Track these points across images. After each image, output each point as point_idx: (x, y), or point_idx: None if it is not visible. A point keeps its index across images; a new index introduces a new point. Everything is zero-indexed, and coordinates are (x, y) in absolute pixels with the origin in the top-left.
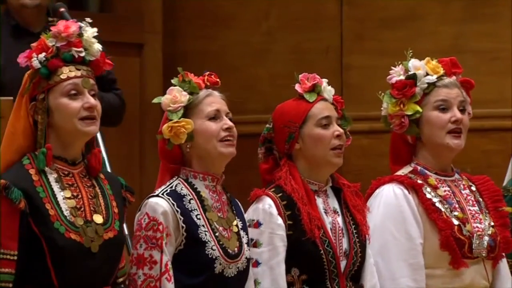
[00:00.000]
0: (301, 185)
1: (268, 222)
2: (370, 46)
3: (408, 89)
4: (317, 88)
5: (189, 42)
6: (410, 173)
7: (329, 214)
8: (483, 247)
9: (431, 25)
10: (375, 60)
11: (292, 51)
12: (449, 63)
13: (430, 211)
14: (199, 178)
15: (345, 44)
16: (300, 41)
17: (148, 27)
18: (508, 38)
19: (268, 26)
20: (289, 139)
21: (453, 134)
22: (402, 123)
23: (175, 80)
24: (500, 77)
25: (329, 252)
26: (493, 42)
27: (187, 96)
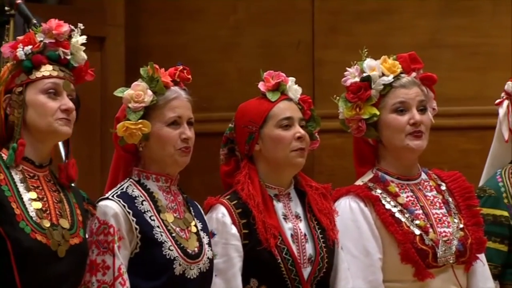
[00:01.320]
0: (259, 191)
1: (222, 232)
2: (343, 40)
3: (363, 92)
4: (281, 87)
5: (153, 35)
6: (370, 181)
7: (290, 219)
8: (451, 253)
9: (407, 18)
10: (348, 56)
11: (261, 46)
12: (408, 59)
13: (388, 224)
14: (152, 179)
15: (317, 38)
16: (270, 35)
17: (110, 19)
18: (487, 32)
19: (236, 19)
20: (249, 140)
21: (413, 135)
22: (359, 127)
23: (144, 72)
24: (479, 73)
25: (288, 260)
26: (472, 37)
27: (152, 96)
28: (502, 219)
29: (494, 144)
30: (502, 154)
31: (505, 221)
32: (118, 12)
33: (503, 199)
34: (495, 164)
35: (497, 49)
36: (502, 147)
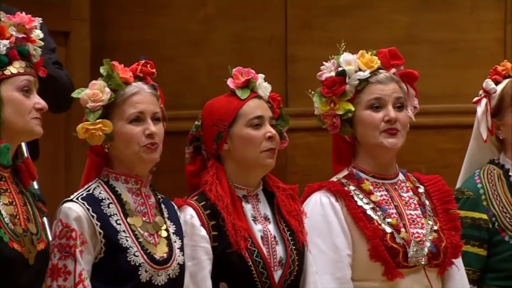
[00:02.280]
0: (227, 192)
1: (191, 234)
2: (317, 35)
3: (338, 87)
4: (251, 84)
5: (119, 30)
6: (345, 177)
7: (259, 221)
8: (423, 254)
9: (384, 13)
10: (322, 51)
11: (233, 41)
12: (388, 55)
13: (358, 219)
14: (121, 180)
15: (290, 33)
16: (241, 30)
17: (74, 13)
18: (466, 27)
19: (206, 13)
20: (217, 139)
21: (388, 132)
22: (334, 124)
23: (104, 69)
24: (458, 69)
25: (259, 263)
26: (451, 32)
27: (109, 94)
28: (481, 222)
29: (471, 143)
30: (480, 154)
31: (484, 224)
32: (83, 6)
33: (482, 201)
34: (473, 164)
35: (476, 45)
36: (480, 147)
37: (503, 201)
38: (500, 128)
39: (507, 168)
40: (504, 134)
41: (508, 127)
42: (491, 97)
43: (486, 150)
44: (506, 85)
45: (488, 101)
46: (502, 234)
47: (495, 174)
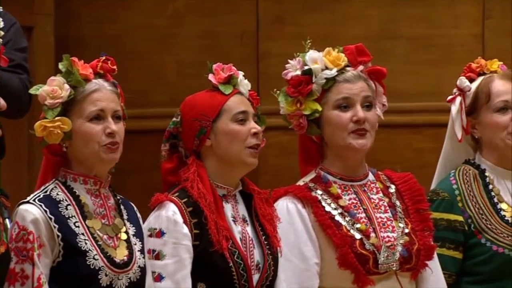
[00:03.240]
0: (209, 189)
1: (173, 231)
2: (290, 31)
3: (304, 86)
4: (233, 80)
5: (84, 25)
6: (311, 181)
7: (238, 222)
8: (394, 259)
9: (359, 8)
10: (295, 47)
11: (202, 37)
12: (355, 51)
13: (326, 226)
14: (80, 181)
15: (262, 29)
16: (211, 25)
17: (38, 8)
18: (443, 23)
19: (174, 7)
20: (199, 134)
21: (356, 133)
22: (300, 124)
23: (63, 66)
24: (435, 66)
25: (240, 265)
26: (427, 28)
27: (69, 91)
28: (457, 224)
29: (446, 143)
30: (455, 154)
31: (459, 226)
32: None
33: (458, 202)
34: (448, 165)
35: (453, 41)
36: (455, 146)
37: (479, 202)
38: (476, 127)
39: (483, 168)
40: (479, 133)
41: (483, 126)
42: (466, 95)
43: (461, 150)
44: (480, 82)
45: (463, 100)
46: (478, 236)
47: (471, 174)
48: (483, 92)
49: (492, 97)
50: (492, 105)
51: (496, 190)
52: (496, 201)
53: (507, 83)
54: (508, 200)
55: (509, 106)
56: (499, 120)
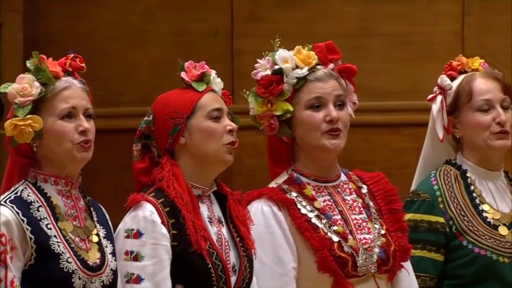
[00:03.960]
0: (185, 189)
1: (151, 231)
2: (264, 28)
3: (275, 86)
4: (206, 78)
5: (54, 22)
6: (285, 183)
7: (214, 223)
8: (372, 261)
9: (335, 4)
10: (270, 45)
11: (175, 34)
12: (325, 49)
13: (304, 229)
14: (50, 182)
15: (236, 26)
16: (184, 22)
17: (6, 4)
18: (422, 20)
19: (146, 4)
20: (173, 132)
21: (329, 133)
22: (271, 125)
23: (31, 63)
24: (414, 64)
25: (219, 266)
26: (406, 25)
27: (39, 88)
28: (438, 226)
29: (426, 143)
30: (435, 154)
31: (441, 228)
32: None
33: (439, 204)
34: (428, 165)
35: (432, 38)
36: (435, 146)
37: (461, 204)
38: (457, 127)
39: (464, 168)
40: (461, 133)
41: (465, 125)
42: (447, 94)
43: (442, 150)
44: (462, 81)
45: (444, 98)
46: (460, 239)
47: (452, 175)
48: (465, 90)
49: (474, 96)
50: (473, 104)
51: (478, 191)
52: (478, 203)
53: (489, 81)
54: (490, 201)
55: (491, 105)
56: (481, 119)
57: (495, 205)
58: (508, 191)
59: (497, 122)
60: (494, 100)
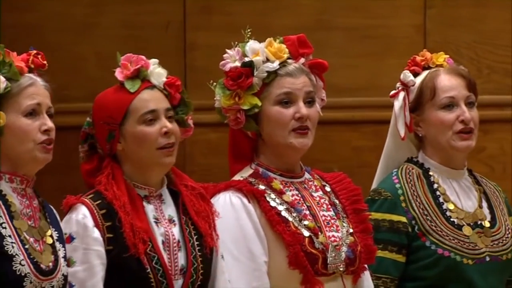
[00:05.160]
0: (125, 191)
1: (83, 236)
2: (219, 21)
3: (244, 79)
4: (142, 74)
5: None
6: (251, 176)
7: (162, 224)
8: (341, 260)
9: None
10: (224, 38)
11: (124, 27)
12: (296, 43)
13: (275, 223)
14: (5, 179)
15: (189, 18)
16: (134, 15)
17: None
18: (383, 13)
19: None
20: (109, 138)
21: (297, 132)
22: (237, 119)
23: None
24: (374, 59)
25: (159, 270)
26: (365, 18)
27: (5, 84)
28: (400, 226)
29: (388, 141)
30: (397, 153)
31: (403, 228)
32: None
33: (401, 202)
34: (390, 163)
35: (393, 32)
36: (397, 144)
37: (424, 203)
38: (419, 125)
39: (426, 167)
40: (423, 131)
41: (427, 123)
42: (410, 90)
43: (404, 148)
44: (425, 77)
45: (406, 95)
46: (423, 239)
47: (414, 173)
48: (428, 87)
49: (437, 92)
50: (437, 101)
51: (441, 189)
52: (441, 201)
53: (453, 78)
54: (455, 200)
55: (455, 103)
56: (445, 118)
57: (459, 204)
58: (473, 189)
59: (460, 121)
60: (458, 98)
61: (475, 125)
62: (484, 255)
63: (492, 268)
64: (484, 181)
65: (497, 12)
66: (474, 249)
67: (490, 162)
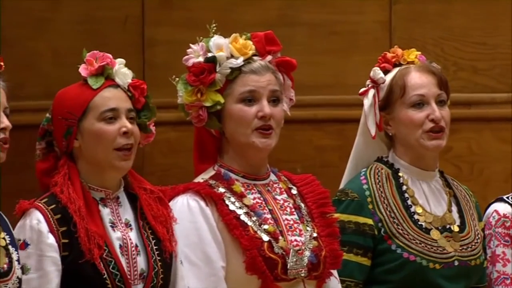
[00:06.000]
0: (81, 194)
1: (37, 242)
2: (179, 16)
3: (207, 75)
4: (106, 71)
5: None
6: (212, 178)
7: (118, 228)
8: (302, 265)
9: None
10: (185, 34)
11: (81, 22)
12: (264, 40)
13: (232, 227)
14: None
15: (147, 13)
16: (91, 9)
17: None
18: (347, 8)
19: None
20: (66, 134)
21: (260, 131)
22: (200, 116)
23: None
24: (338, 56)
25: (116, 276)
26: (330, 14)
27: None
28: (366, 228)
29: (358, 140)
30: (367, 152)
31: (369, 230)
32: None
33: (368, 204)
34: (359, 163)
35: (358, 28)
36: (367, 143)
37: (391, 205)
38: (389, 123)
39: (396, 167)
40: (393, 130)
41: (397, 122)
42: (380, 88)
43: (374, 147)
44: (396, 74)
45: (376, 93)
46: (389, 242)
47: (383, 174)
48: (398, 85)
49: (408, 90)
50: (407, 99)
51: (410, 191)
52: (409, 204)
53: (424, 75)
54: (423, 203)
55: (426, 101)
56: (415, 116)
57: (428, 208)
58: (443, 192)
59: (430, 119)
60: (429, 96)
61: (446, 124)
62: (452, 259)
63: (460, 273)
64: (456, 184)
65: (465, 8)
66: (442, 253)
67: (457, 162)
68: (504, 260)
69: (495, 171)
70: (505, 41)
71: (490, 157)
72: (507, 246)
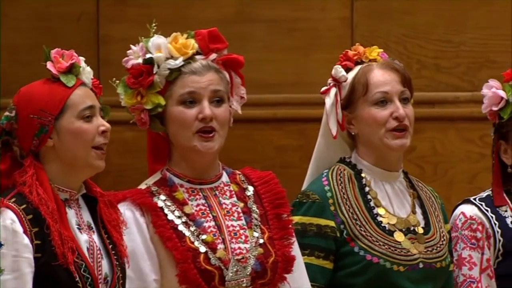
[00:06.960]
0: (51, 195)
1: (12, 242)
2: (134, 13)
3: (145, 77)
4: (76, 69)
5: None
6: (155, 184)
7: (84, 230)
8: (245, 274)
9: None
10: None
11: (34, 18)
12: (207, 37)
13: (166, 239)
14: None
15: (102, 10)
16: (44, 6)
17: None
18: (308, 5)
19: None
20: (39, 133)
21: (200, 135)
22: (142, 119)
23: None
24: (299, 53)
25: (88, 279)
26: (290, 10)
27: None
28: (328, 230)
29: (319, 140)
30: (329, 153)
31: (330, 233)
32: None
33: (330, 206)
34: (321, 164)
35: (319, 25)
36: (329, 144)
37: (353, 206)
38: (352, 123)
39: (359, 168)
40: (356, 130)
41: (360, 121)
42: (341, 86)
43: (336, 147)
44: (358, 72)
45: (338, 91)
46: (351, 244)
47: (346, 175)
48: (360, 83)
49: (370, 88)
50: (369, 97)
51: (373, 193)
52: (372, 206)
53: (387, 73)
54: (386, 204)
55: (389, 99)
56: (378, 115)
57: (391, 209)
58: (407, 193)
59: (394, 117)
60: (392, 93)
61: (410, 123)
62: (417, 262)
63: (425, 275)
64: (420, 185)
65: (429, 5)
66: (406, 255)
67: (420, 163)
68: (470, 263)
69: (459, 172)
70: (469, 38)
71: (454, 157)
72: (474, 249)
